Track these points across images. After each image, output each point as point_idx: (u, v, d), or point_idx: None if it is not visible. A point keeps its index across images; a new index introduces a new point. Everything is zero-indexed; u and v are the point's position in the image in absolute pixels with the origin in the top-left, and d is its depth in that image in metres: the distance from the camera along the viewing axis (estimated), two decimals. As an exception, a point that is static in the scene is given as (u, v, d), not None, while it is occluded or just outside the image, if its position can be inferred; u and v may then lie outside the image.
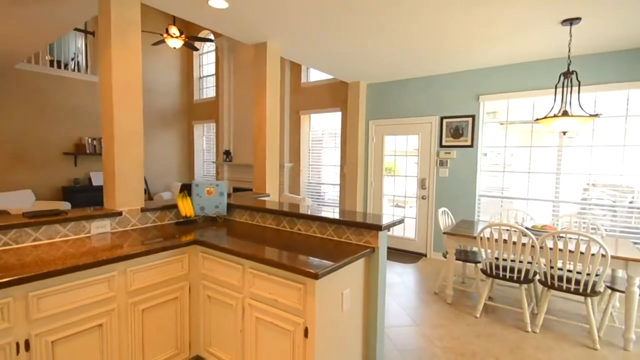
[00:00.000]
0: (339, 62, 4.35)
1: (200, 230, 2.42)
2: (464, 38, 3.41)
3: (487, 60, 4.20)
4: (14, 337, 1.47)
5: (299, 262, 1.71)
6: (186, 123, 8.82)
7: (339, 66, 4.55)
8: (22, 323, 1.50)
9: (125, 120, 2.39)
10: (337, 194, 6.07)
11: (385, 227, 2.03)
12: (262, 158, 3.66)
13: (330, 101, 5.88)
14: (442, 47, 3.72)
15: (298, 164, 6.37)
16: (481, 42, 3.53)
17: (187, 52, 8.65)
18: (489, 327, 2.96)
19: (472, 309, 3.28)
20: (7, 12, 3.12)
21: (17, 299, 1.47)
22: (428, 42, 3.56)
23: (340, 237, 2.19)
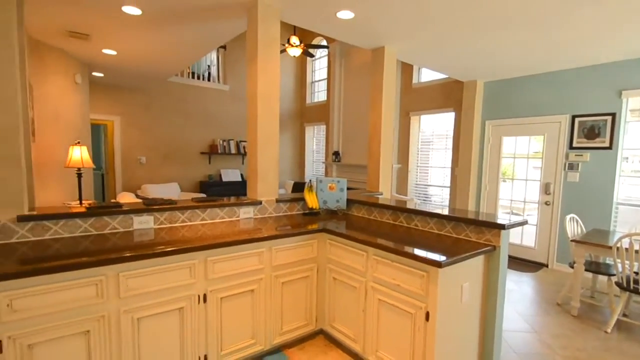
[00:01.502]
0: (454, 60, 4.29)
1: (323, 221, 2.77)
2: (606, 26, 3.03)
3: (631, 50, 3.58)
4: (196, 291, 1.94)
5: (421, 252, 1.89)
6: (298, 125, 9.70)
7: (455, 65, 4.48)
8: (202, 280, 1.96)
9: (265, 124, 2.82)
10: (445, 196, 5.93)
11: (509, 227, 2.05)
12: (376, 157, 3.91)
13: (443, 101, 5.77)
14: (577, 38, 3.35)
15: (406, 165, 6.44)
16: (630, 29, 3.07)
17: (301, 59, 9.50)
18: (622, 343, 2.61)
19: (602, 323, 2.92)
20: (170, 32, 3.65)
21: (200, 262, 1.94)
22: (560, 33, 3.26)
23: (459, 235, 2.28)
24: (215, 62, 8.32)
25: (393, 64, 3.85)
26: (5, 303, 1.43)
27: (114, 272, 1.68)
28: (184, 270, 1.90)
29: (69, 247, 1.83)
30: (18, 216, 1.90)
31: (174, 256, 1.86)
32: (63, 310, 1.56)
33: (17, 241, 1.91)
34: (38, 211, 2.01)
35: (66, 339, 1.57)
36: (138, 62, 4.98)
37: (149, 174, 7.31)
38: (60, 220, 2.03)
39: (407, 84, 6.35)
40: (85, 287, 1.60)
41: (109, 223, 2.20)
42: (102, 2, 2.98)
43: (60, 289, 1.54)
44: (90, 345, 1.63)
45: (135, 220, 2.29)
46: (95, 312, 1.64)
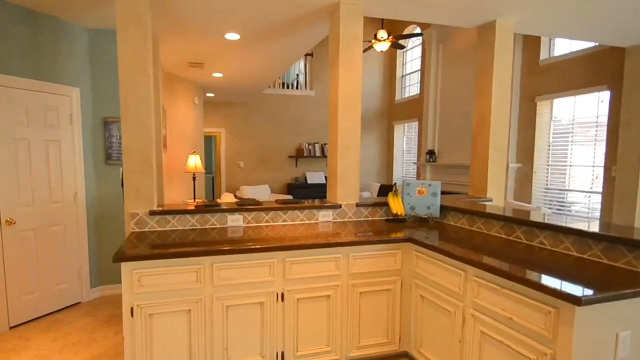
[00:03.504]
0: (608, 19, 3.44)
1: (410, 230, 2.51)
2: None
3: None
4: (275, 288, 2.13)
5: (545, 280, 1.47)
6: (386, 124, 9.39)
7: (608, 26, 3.59)
8: (281, 279, 2.13)
9: (346, 125, 2.87)
10: (594, 205, 4.88)
11: None
12: (483, 156, 3.38)
13: (589, 78, 4.77)
14: None
15: (530, 164, 5.55)
16: None
17: (390, 52, 9.18)
18: None
19: None
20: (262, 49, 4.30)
21: (279, 262, 2.12)
22: None
23: (615, 262, 1.72)
24: (303, 71, 9.16)
25: (508, 41, 3.30)
26: (136, 278, 1.90)
27: (209, 262, 2.03)
28: (265, 268, 2.11)
29: (182, 237, 2.32)
30: (150, 211, 2.49)
31: (255, 254, 2.09)
32: (174, 290, 1.98)
33: (148, 230, 2.50)
34: (163, 207, 2.59)
35: (175, 314, 2.01)
36: (238, 80, 6.09)
37: (246, 176, 8.71)
38: (176, 215, 2.57)
39: (532, 63, 5.48)
40: (189, 273, 2.00)
41: (209, 219, 2.63)
42: (210, 34, 3.63)
43: (173, 272, 1.97)
44: (191, 321, 2.03)
45: (228, 219, 2.66)
46: (195, 295, 2.02)
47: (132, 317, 1.90)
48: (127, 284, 1.90)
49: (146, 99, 2.42)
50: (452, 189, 6.69)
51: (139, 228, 2.47)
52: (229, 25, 3.39)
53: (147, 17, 2.41)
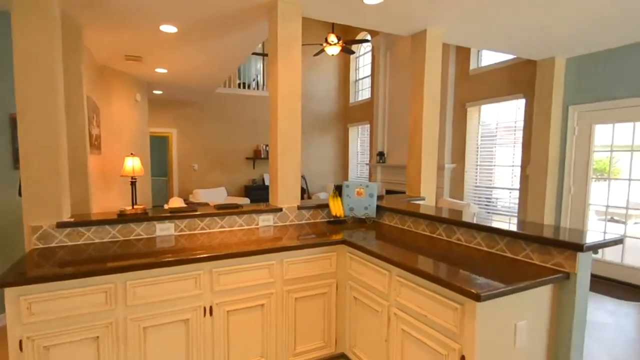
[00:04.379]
0: (523, 36, 3.65)
1: (349, 231, 2.48)
2: None
3: None
4: (202, 302, 1.90)
5: (457, 277, 1.49)
6: (341, 126, 9.45)
7: (523, 41, 3.82)
8: (208, 292, 1.91)
9: (286, 126, 2.73)
10: (515, 201, 5.18)
11: (590, 248, 1.53)
12: (417, 158, 3.47)
13: (509, 87, 5.06)
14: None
15: (462, 164, 5.79)
16: None
17: (344, 57, 9.26)
18: None
19: None
20: (205, 45, 4.04)
21: (205, 273, 1.90)
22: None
23: (516, 255, 1.80)
24: (261, 71, 8.82)
25: (437, 49, 3.40)
26: (25, 306, 1.55)
27: (122, 280, 1.73)
28: (190, 281, 1.87)
29: (99, 251, 1.98)
30: (57, 223, 2.10)
31: (178, 267, 1.84)
32: (77, 315, 1.65)
33: (57, 245, 2.11)
34: (75, 218, 2.21)
35: (78, 343, 1.67)
36: (186, 77, 5.63)
37: (201, 179, 8.16)
38: (92, 226, 2.19)
39: (464, 72, 5.72)
40: (96, 294, 1.68)
41: (134, 230, 2.30)
42: (143, 25, 3.32)
43: (75, 295, 1.63)
44: (99, 349, 1.71)
45: (157, 228, 2.35)
46: (104, 319, 1.70)
47: (21, 352, 1.54)
48: (12, 314, 1.53)
49: (52, 94, 2.04)
50: (401, 188, 6.84)
51: (43, 243, 2.06)
52: (163, 16, 3.14)
53: (51, 1, 2.03)
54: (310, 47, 7.67)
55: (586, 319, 1.64)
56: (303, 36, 2.91)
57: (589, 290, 1.62)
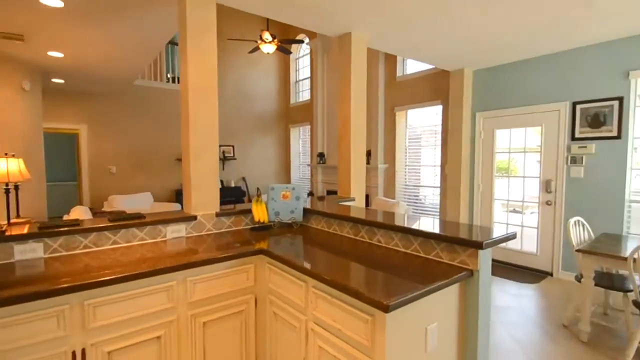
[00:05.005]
0: (438, 48, 3.80)
1: (274, 237, 2.30)
2: None
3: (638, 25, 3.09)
4: (70, 346, 1.44)
5: (369, 285, 1.40)
6: (283, 126, 9.24)
7: (439, 53, 3.99)
8: (79, 332, 1.47)
9: (200, 123, 2.37)
10: (438, 197, 5.42)
11: (489, 245, 1.54)
12: (346, 159, 3.42)
13: (430, 94, 5.28)
14: (573, 15, 2.87)
15: (393, 164, 5.94)
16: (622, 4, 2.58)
17: (284, 57, 9.07)
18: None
19: (618, 352, 2.40)
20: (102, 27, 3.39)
21: (73, 307, 1.45)
22: (553, 10, 2.77)
23: (428, 254, 1.78)
24: None
25: (362, 52, 3.37)
26: None
27: None
28: (50, 320, 1.41)
29: None
30: None
31: (30, 303, 1.36)
32: None
33: None
34: None
35: None
36: (91, 65, 4.71)
37: (120, 184, 6.93)
38: None
39: (391, 78, 5.87)
40: None
41: None
42: None
43: None
44: None
45: (16, 250, 1.80)
46: None
47: None
48: None
49: None
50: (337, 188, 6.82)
51: None
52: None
53: None
54: (246, 44, 7.36)
55: (490, 312, 1.65)
56: (237, 32, 2.63)
57: (490, 283, 1.63)
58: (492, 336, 2.69)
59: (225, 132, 8.25)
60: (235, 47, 8.05)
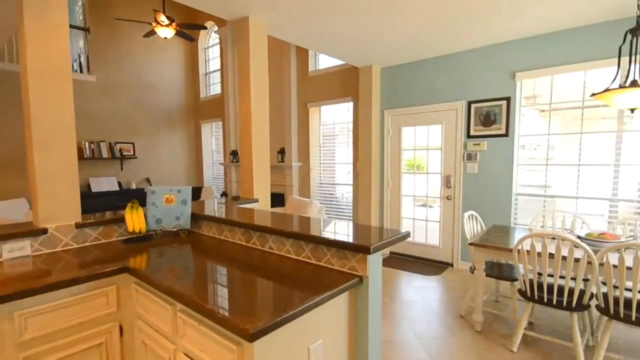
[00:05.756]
0: (345, 42, 3.77)
1: (153, 249, 1.95)
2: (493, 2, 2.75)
3: (524, 28, 3.46)
4: None
5: (244, 304, 1.18)
6: (193, 122, 8.56)
7: (346, 47, 3.97)
8: None
9: (46, 111, 1.91)
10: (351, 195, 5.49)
11: (377, 249, 1.45)
12: (248, 156, 3.17)
13: (341, 90, 5.30)
14: (467, 16, 3.06)
15: (308, 162, 5.85)
16: (516, 5, 2.84)
17: (192, 46, 8.37)
18: (531, 369, 2.31)
19: (508, 339, 2.62)
20: None
21: None
22: (449, 10, 2.91)
23: (319, 260, 1.64)
24: (84, 50, 6.93)
25: (262, 39, 3.15)
26: None
27: None
28: None
29: None
30: None
31: None
32: None
33: None
34: None
35: None
36: None
37: None
38: None
39: (304, 73, 5.76)
40: None
41: None
42: None
43: None
44: None
45: None
46: None
47: None
48: None
49: None
50: None
51: None
52: None
53: None
54: (140, 26, 6.58)
55: (380, 319, 1.57)
56: (132, 12, 2.14)
57: (381, 289, 1.56)
58: (396, 333, 2.73)
59: (122, 128, 7.31)
60: (131, 31, 7.14)
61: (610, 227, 3.09)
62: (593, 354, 2.21)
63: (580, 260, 2.18)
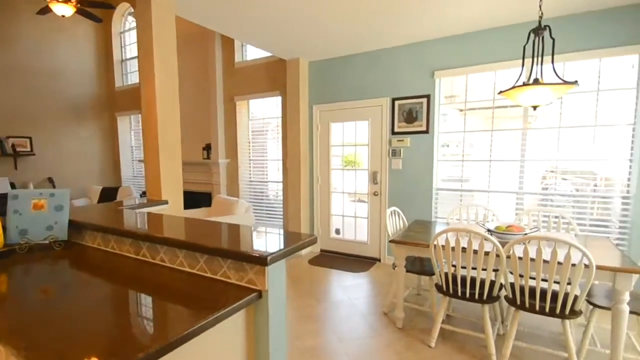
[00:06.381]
0: (267, 31, 3.53)
1: (12, 269, 1.53)
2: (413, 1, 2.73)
3: (442, 28, 3.55)
4: None
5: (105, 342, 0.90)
6: (108, 115, 7.61)
7: (270, 37, 3.73)
8: None
9: None
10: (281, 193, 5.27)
11: (275, 259, 1.26)
12: (154, 152, 2.77)
13: (269, 84, 5.04)
14: (391, 12, 3.02)
15: (236, 159, 5.49)
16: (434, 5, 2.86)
17: (106, 30, 7.42)
18: (446, 363, 2.34)
19: (427, 333, 2.64)
20: None
21: None
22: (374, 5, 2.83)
23: (215, 274, 1.40)
24: None
25: (169, 19, 2.77)
26: None
27: None
28: None
29: None
30: None
31: None
32: None
33: None
34: None
35: None
36: None
37: None
38: None
39: (229, 64, 5.38)
40: None
41: None
42: None
43: None
44: None
45: None
46: None
47: None
48: None
49: None
50: (194, 188, 5.93)
51: None
52: None
53: None
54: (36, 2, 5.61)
55: (285, 336, 1.39)
56: None
57: (284, 303, 1.37)
58: (318, 337, 2.59)
59: (14, 120, 6.20)
60: (22, 6, 6.06)
61: (517, 218, 3.31)
62: (503, 346, 2.29)
63: (490, 254, 2.24)
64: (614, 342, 2.09)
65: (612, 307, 2.11)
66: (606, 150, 3.27)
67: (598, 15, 3.11)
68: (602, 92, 3.24)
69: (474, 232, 2.24)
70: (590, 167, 3.41)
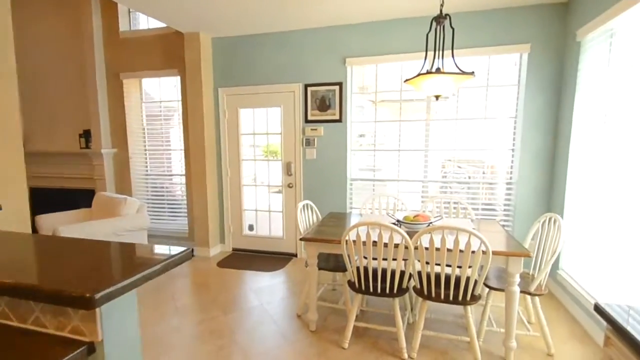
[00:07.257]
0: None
1: None
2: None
3: (348, 16, 3.38)
4: None
5: None
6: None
7: (164, 4, 3.08)
8: None
9: None
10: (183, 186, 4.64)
11: (108, 298, 0.86)
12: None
13: (165, 60, 4.32)
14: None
15: (125, 149, 4.65)
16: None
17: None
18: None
19: (341, 333, 2.49)
20: None
21: None
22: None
23: (24, 321, 0.94)
24: None
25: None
26: None
27: None
28: None
29: None
30: None
31: None
32: None
33: None
34: None
35: None
36: None
37: None
38: None
39: (113, 32, 4.46)
40: None
41: None
42: None
43: None
44: None
45: None
46: None
47: None
48: None
49: None
50: (69, 184, 4.81)
51: None
52: None
53: None
54: None
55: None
56: None
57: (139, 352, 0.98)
58: (221, 359, 2.23)
59: None
60: None
61: (423, 205, 3.37)
62: (413, 338, 2.23)
63: (399, 246, 2.15)
64: (508, 320, 2.20)
65: (505, 289, 2.19)
66: (493, 141, 3.52)
67: (492, 14, 3.26)
68: (491, 87, 3.45)
69: (384, 226, 2.11)
70: (480, 157, 3.66)
